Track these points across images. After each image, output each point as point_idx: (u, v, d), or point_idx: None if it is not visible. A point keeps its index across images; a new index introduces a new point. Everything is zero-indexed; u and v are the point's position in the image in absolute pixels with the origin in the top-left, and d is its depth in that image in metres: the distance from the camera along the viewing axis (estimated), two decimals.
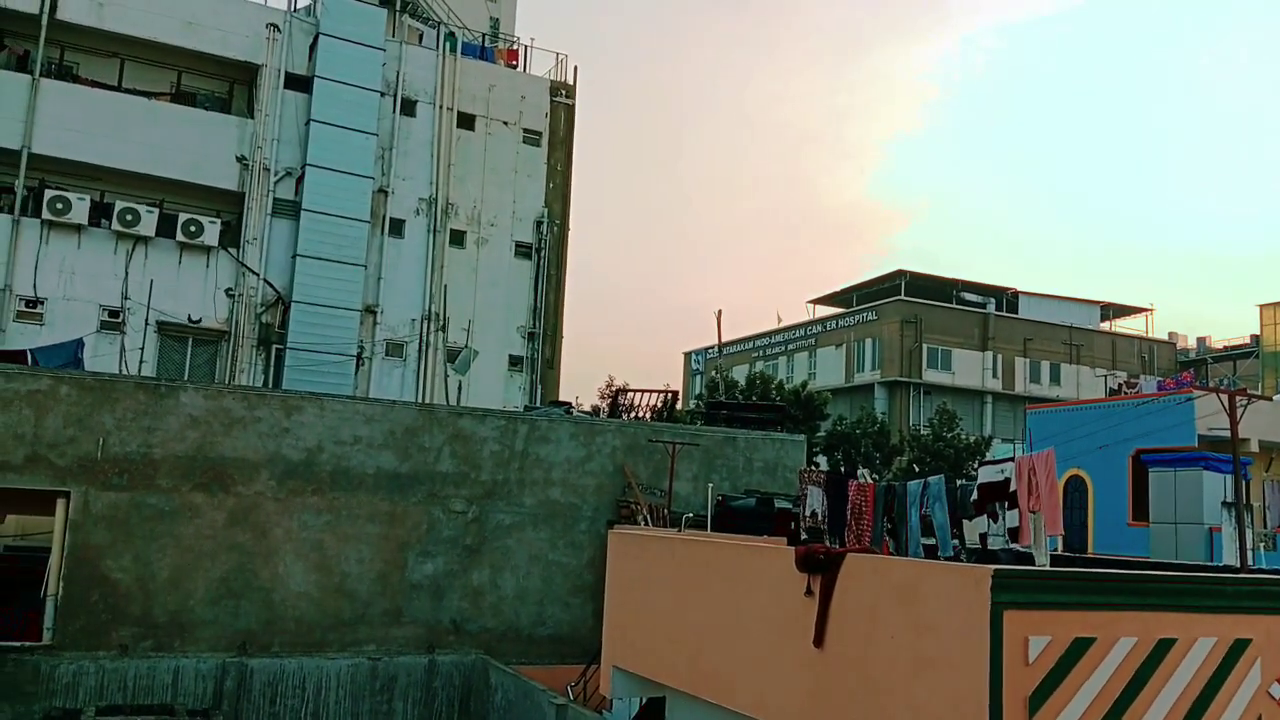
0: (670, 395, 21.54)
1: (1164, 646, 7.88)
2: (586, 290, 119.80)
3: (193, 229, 26.96)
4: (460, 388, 29.37)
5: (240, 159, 28.11)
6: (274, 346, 27.94)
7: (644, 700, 13.79)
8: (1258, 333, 52.04)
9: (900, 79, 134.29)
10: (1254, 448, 25.86)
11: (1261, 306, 46.61)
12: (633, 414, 22.02)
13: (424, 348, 30.44)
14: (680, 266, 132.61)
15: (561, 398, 28.95)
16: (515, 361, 32.05)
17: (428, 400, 27.33)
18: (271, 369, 27.83)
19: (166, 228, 26.85)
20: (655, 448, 18.46)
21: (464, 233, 31.43)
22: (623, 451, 18.50)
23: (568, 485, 18.00)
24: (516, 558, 17.32)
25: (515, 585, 17.23)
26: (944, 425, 41.86)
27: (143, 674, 14.07)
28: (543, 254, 32.52)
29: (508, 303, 31.90)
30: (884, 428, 42.79)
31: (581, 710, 12.75)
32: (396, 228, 30.29)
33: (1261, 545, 22.84)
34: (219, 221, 27.58)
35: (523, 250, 32.36)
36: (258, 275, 27.90)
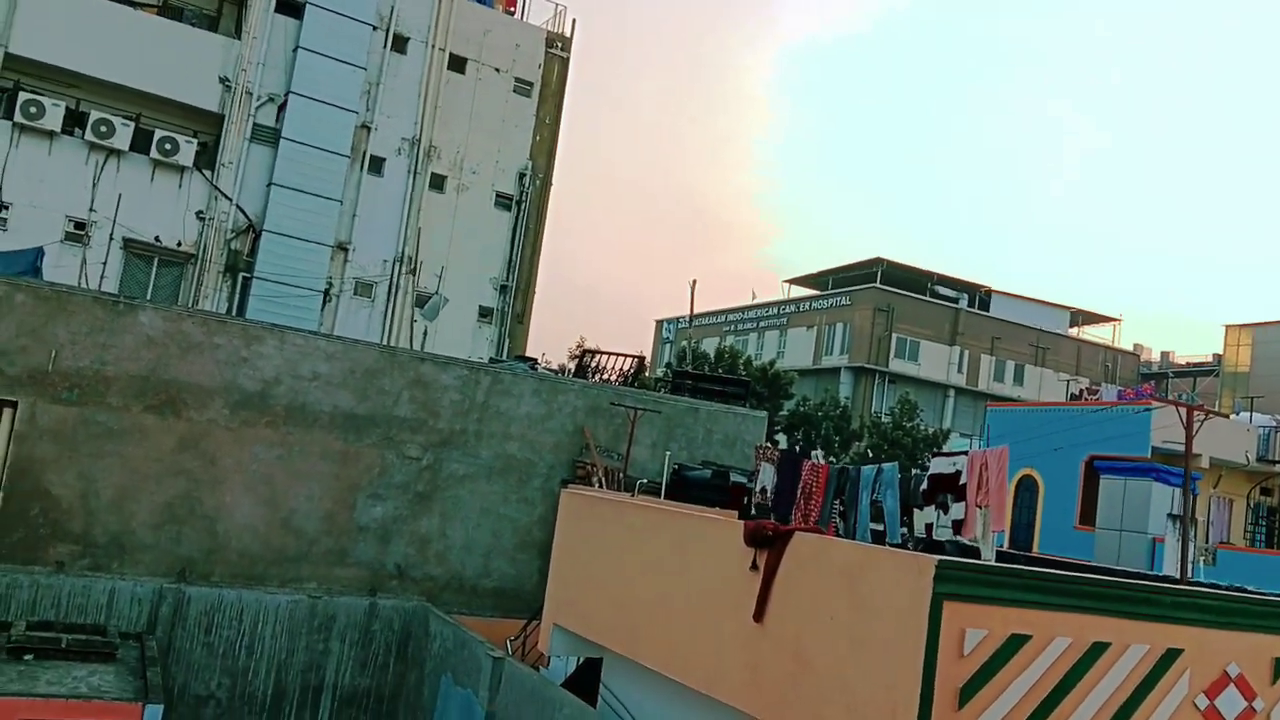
0: (638, 361, 21.44)
1: (1097, 650, 7.95)
2: (563, 248, 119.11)
3: (168, 147, 26.40)
4: (426, 334, 29.13)
5: (223, 80, 27.51)
6: (241, 275, 27.53)
7: (581, 660, 13.82)
8: (1221, 352, 52.74)
9: None
10: (1205, 464, 26.31)
11: (1228, 327, 47.22)
12: (599, 376, 21.92)
13: (394, 290, 30.13)
14: (658, 233, 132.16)
15: (529, 354, 28.80)
16: (485, 313, 31.82)
17: (392, 344, 27.09)
18: (237, 297, 27.44)
19: (141, 143, 26.27)
20: (617, 411, 18.40)
21: (445, 178, 31.00)
22: (584, 412, 18.42)
23: (526, 441, 17.91)
24: (467, 508, 17.24)
25: (463, 536, 17.16)
26: (905, 415, 42.19)
27: (78, 592, 13.87)
28: (523, 207, 32.18)
29: (483, 253, 31.58)
30: (846, 412, 43.06)
31: (518, 664, 12.75)
32: (376, 166, 29.83)
33: (1203, 559, 23.29)
34: (195, 142, 27.02)
35: (503, 201, 32.00)
36: (230, 200, 27.41)
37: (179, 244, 26.92)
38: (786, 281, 63.86)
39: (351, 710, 15.51)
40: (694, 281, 39.49)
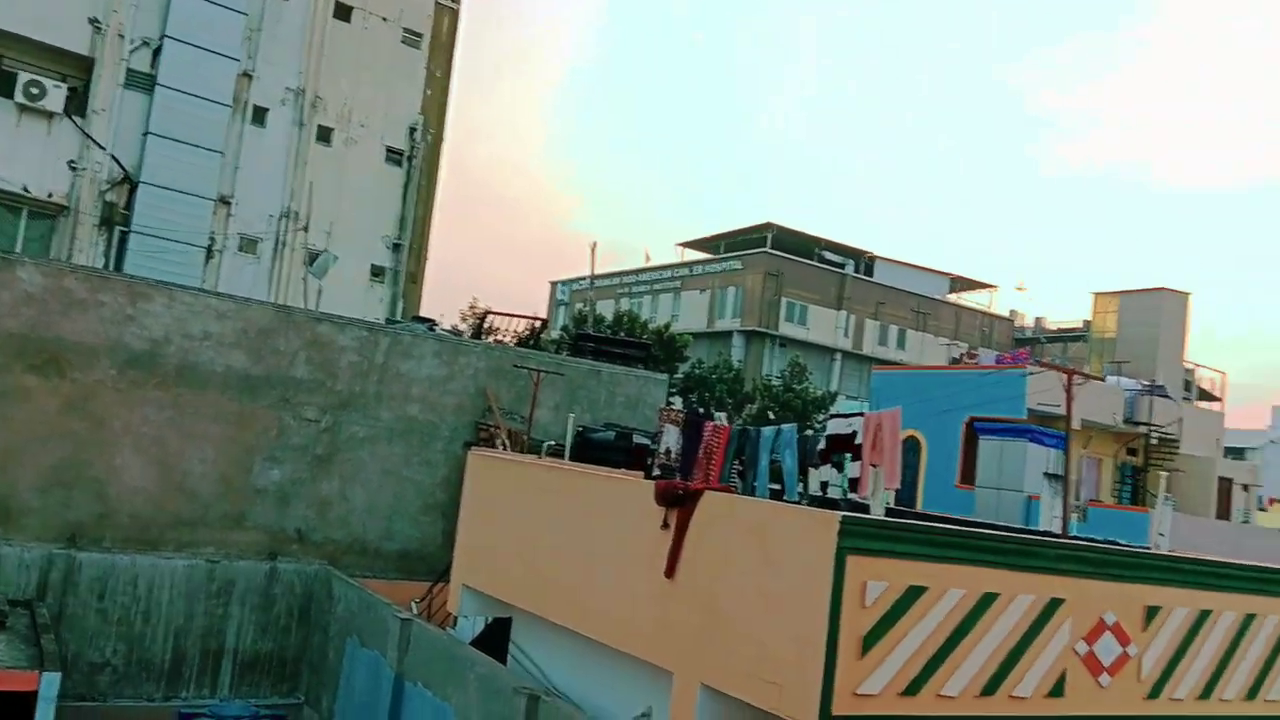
0: (541, 323, 21.41)
1: (988, 600, 8.47)
2: (457, 207, 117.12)
3: (34, 91, 24.86)
4: (319, 293, 28.39)
5: (93, 21, 25.97)
6: (117, 228, 26.23)
7: (489, 620, 13.92)
8: (1089, 318, 55.48)
9: None
10: (1076, 425, 27.84)
11: (1096, 294, 49.67)
12: (495, 338, 21.83)
13: (280, 247, 29.19)
14: (555, 195, 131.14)
15: (423, 314, 28.38)
16: (377, 272, 31.16)
17: (281, 302, 26.32)
18: (113, 252, 26.16)
19: (5, 86, 24.67)
20: (519, 373, 18.39)
21: (332, 130, 30.03)
22: (486, 374, 18.34)
23: (427, 403, 17.75)
24: (368, 471, 17.03)
25: (365, 498, 16.97)
26: (795, 378, 43.28)
27: None
28: (414, 163, 31.49)
29: (374, 210, 30.81)
30: (739, 375, 43.91)
31: (426, 625, 12.77)
32: (259, 116, 28.69)
33: (1075, 516, 24.73)
34: (65, 87, 25.49)
35: (394, 156, 31.25)
36: (104, 149, 26.01)
37: (50, 195, 25.46)
38: (680, 245, 64.43)
39: (254, 675, 15.26)
40: (594, 244, 39.49)
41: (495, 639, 13.10)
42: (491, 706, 10.55)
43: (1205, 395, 43.13)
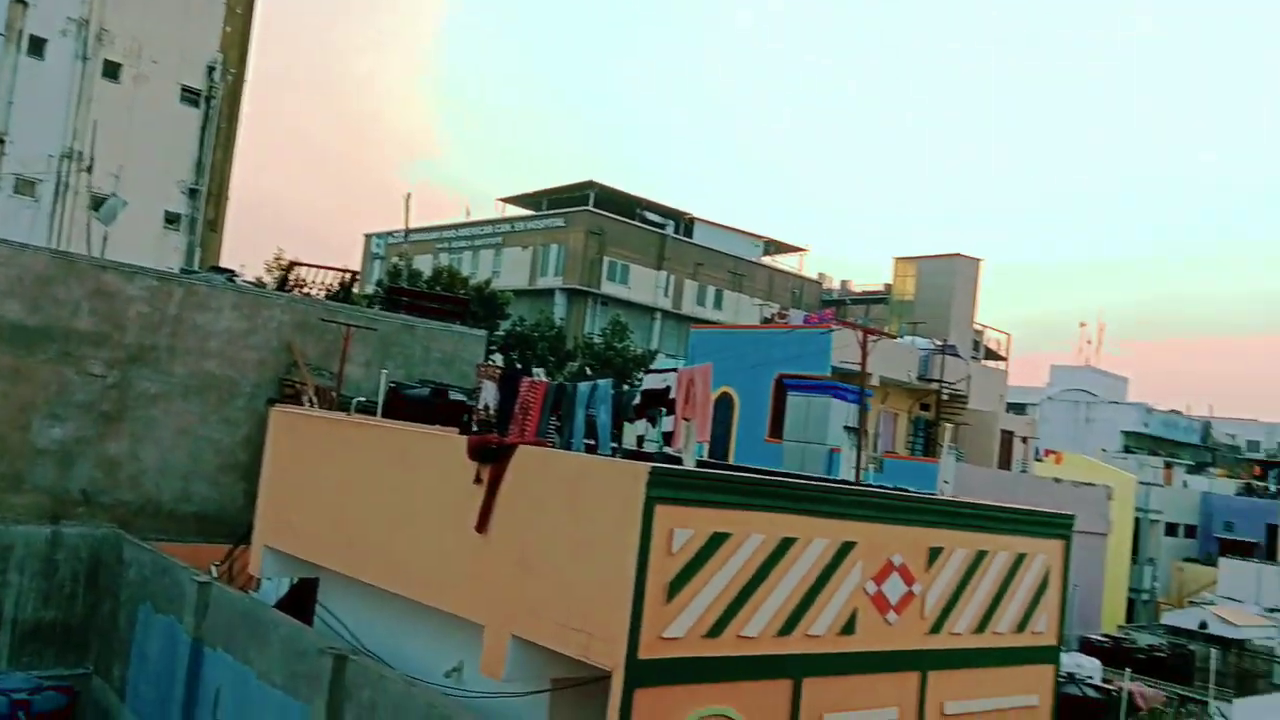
0: (350, 276, 20.62)
1: (786, 544, 8.86)
2: (267, 154, 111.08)
3: None
4: (105, 240, 26.37)
5: None
6: None
7: (294, 581, 13.46)
8: (890, 282, 58.59)
9: None
10: (875, 382, 29.41)
11: (896, 259, 52.49)
12: (304, 291, 20.87)
13: (62, 189, 26.94)
14: (375, 145, 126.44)
15: (224, 264, 26.86)
16: (172, 219, 29.27)
17: (63, 249, 24.29)
18: None
19: None
20: (327, 328, 17.72)
21: (120, 66, 27.83)
22: (291, 328, 17.57)
23: (226, 358, 16.86)
24: (162, 429, 16.05)
25: (158, 458, 16.00)
26: (616, 336, 43.70)
27: None
28: (213, 104, 29.60)
29: (168, 153, 28.83)
30: (561, 333, 43.92)
31: (226, 588, 12.23)
32: (36, 47, 26.27)
33: (871, 467, 26.18)
34: None
35: (190, 97, 29.29)
36: None
37: None
38: (501, 200, 63.52)
39: (36, 644, 14.19)
40: (409, 195, 38.33)
41: (301, 600, 12.71)
42: (296, 668, 10.25)
43: (992, 355, 46.45)
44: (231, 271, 22.98)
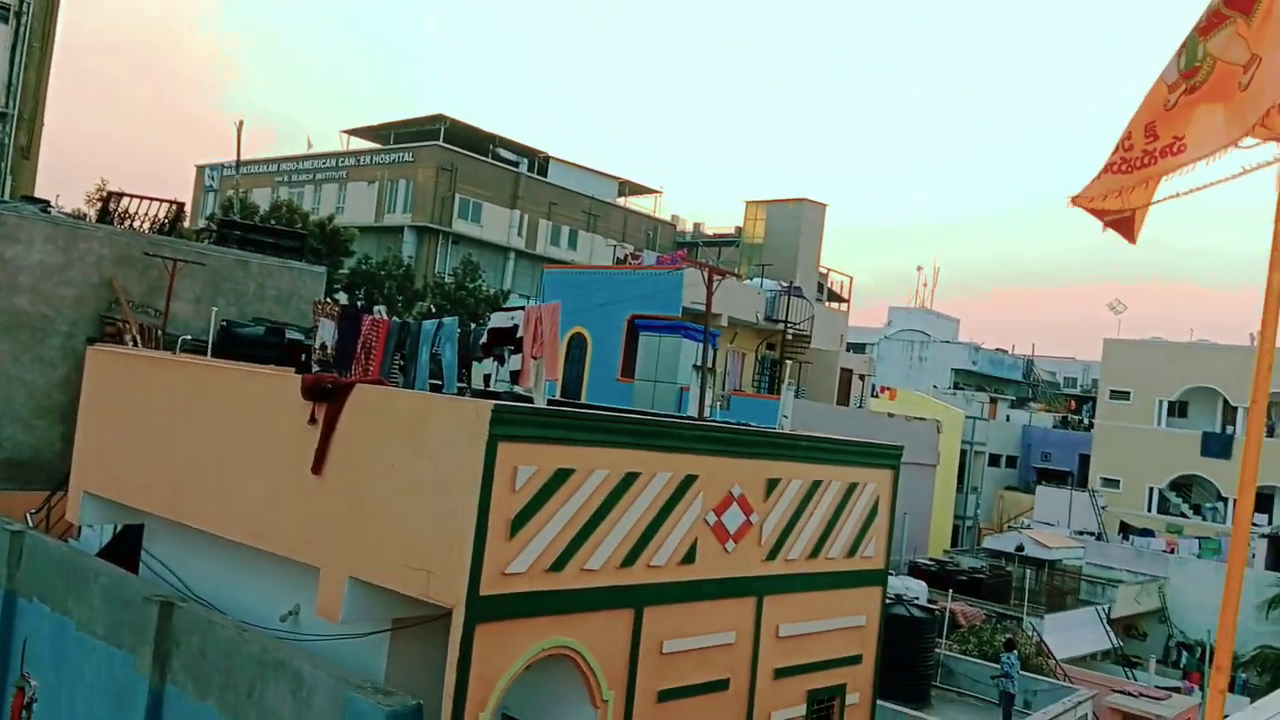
0: (176, 207, 19.36)
1: (630, 478, 8.97)
2: (82, 74, 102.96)
3: None
4: None
5: None
6: None
7: (119, 528, 12.79)
8: (741, 225, 59.50)
9: None
10: (724, 322, 29.99)
11: (747, 203, 53.18)
12: (129, 223, 19.52)
13: None
14: (209, 69, 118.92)
15: (38, 195, 24.83)
16: None
17: None
18: None
19: None
20: (153, 263, 16.68)
21: None
22: (112, 263, 16.46)
23: (39, 294, 15.68)
24: None
25: None
26: (468, 275, 42.93)
27: None
28: (24, 20, 27.09)
29: None
30: (409, 271, 42.82)
31: (42, 537, 11.49)
32: None
33: (719, 404, 26.79)
34: None
35: None
36: None
37: None
38: (344, 132, 60.83)
39: None
40: (240, 122, 36.18)
41: (126, 548, 12.11)
42: (120, 617, 9.78)
43: (835, 297, 47.97)
44: (45, 202, 21.27)
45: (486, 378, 14.79)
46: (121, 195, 19.90)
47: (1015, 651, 17.12)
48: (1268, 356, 3.93)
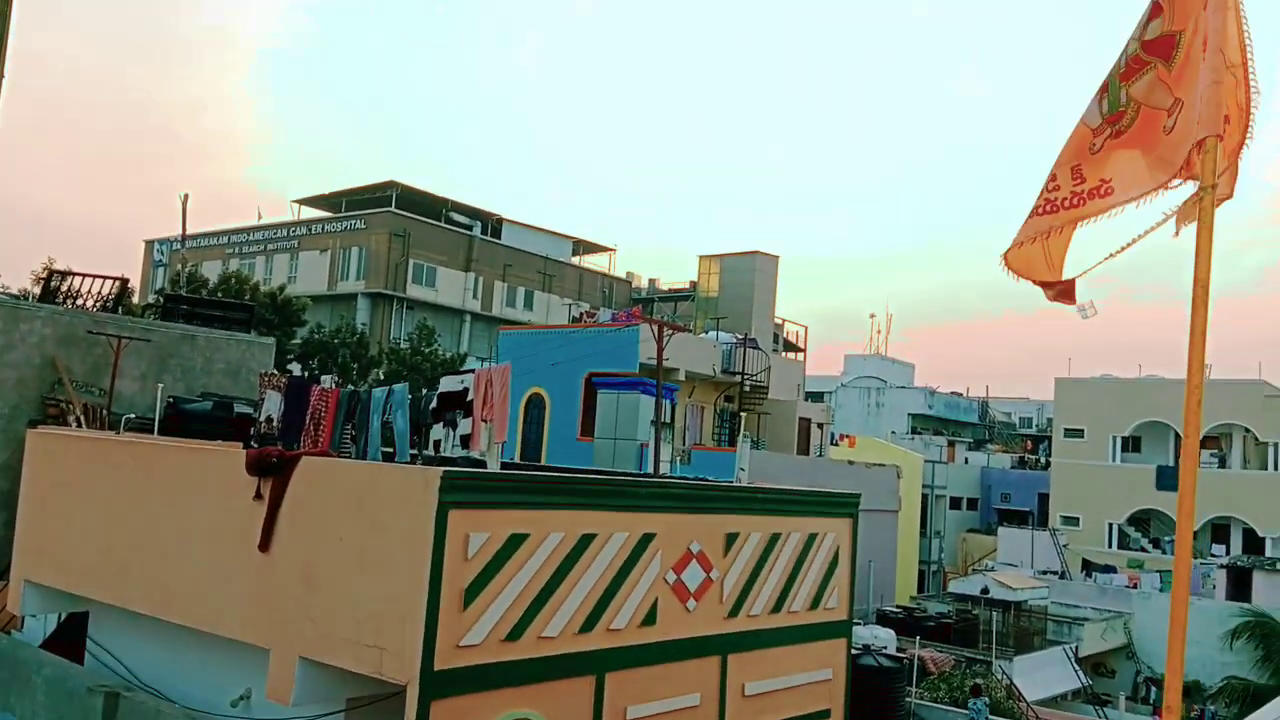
0: (121, 282, 19.12)
1: (586, 540, 8.85)
2: (33, 156, 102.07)
3: None
4: None
5: None
6: None
7: (62, 617, 12.37)
8: (695, 279, 60.06)
9: None
10: (681, 376, 30.09)
11: (701, 257, 53.80)
12: (73, 302, 19.23)
13: None
14: (154, 139, 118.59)
15: None
16: None
17: None
18: None
19: None
20: (96, 341, 16.40)
21: None
22: (54, 342, 16.16)
23: None
24: None
25: None
26: (423, 340, 42.73)
27: None
28: None
29: None
30: (363, 338, 42.53)
31: None
32: None
33: (679, 459, 26.71)
34: None
35: None
36: None
37: None
38: (295, 201, 60.75)
39: None
40: (185, 195, 35.74)
41: (70, 636, 11.69)
42: (64, 710, 9.41)
43: (791, 346, 48.43)
44: None
45: (437, 444, 14.61)
46: (66, 274, 19.63)
47: (983, 697, 17.05)
48: (1196, 392, 3.98)
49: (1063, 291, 4.93)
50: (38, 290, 27.46)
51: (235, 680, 9.53)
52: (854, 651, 12.88)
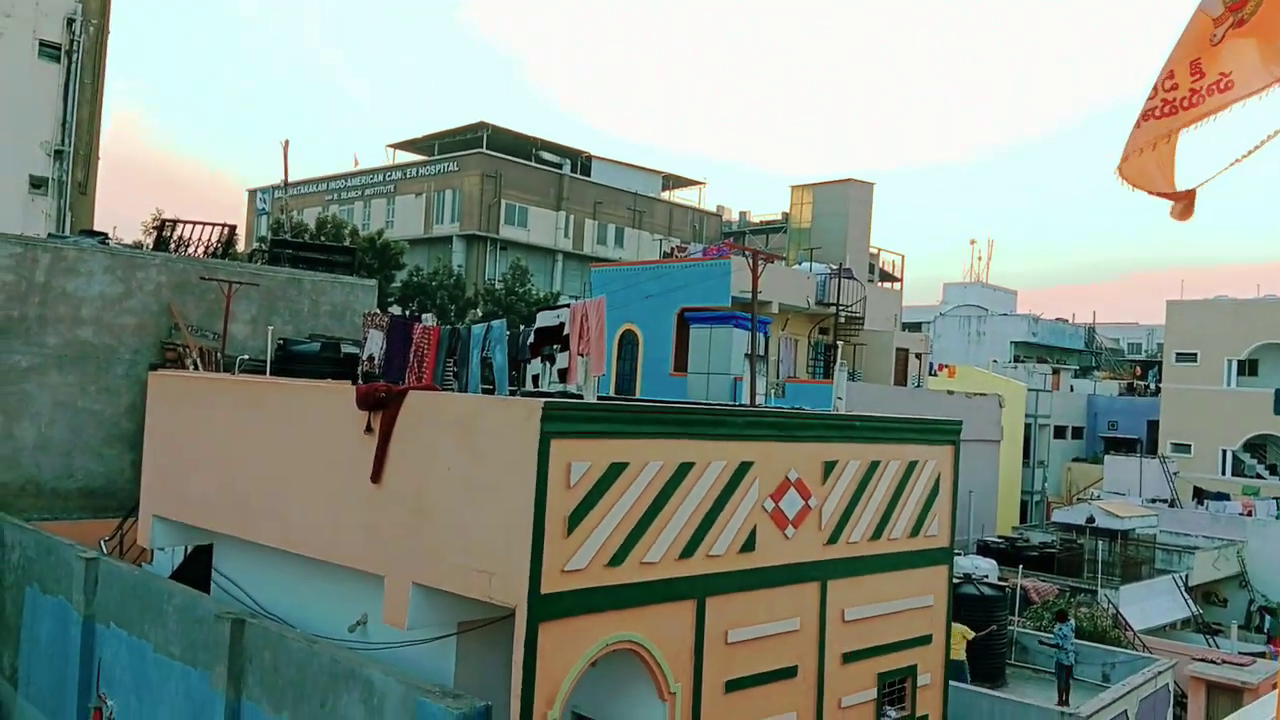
0: (228, 230, 19.77)
1: (684, 469, 8.94)
2: (137, 109, 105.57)
3: None
4: None
5: None
6: None
7: (189, 549, 13.09)
8: (788, 210, 59.04)
9: None
10: (774, 309, 29.77)
11: (793, 187, 52.80)
12: (183, 250, 19.97)
13: None
14: (255, 92, 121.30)
15: (98, 228, 25.53)
16: (38, 183, 27.64)
17: None
18: None
19: None
20: (209, 287, 17.05)
21: None
22: (170, 289, 16.86)
23: (102, 324, 16.11)
24: (38, 404, 15.31)
25: (36, 434, 15.28)
26: (517, 280, 43.18)
27: None
28: (75, 58, 27.87)
29: (28, 112, 27.11)
30: (460, 280, 43.20)
31: (116, 563, 11.81)
32: None
33: (774, 392, 26.59)
34: None
35: (49, 51, 27.51)
36: None
37: None
38: (390, 146, 61.59)
39: None
40: (286, 141, 36.65)
41: (197, 568, 12.38)
42: (194, 636, 10.01)
43: (887, 276, 47.38)
44: (103, 234, 21.87)
45: (535, 378, 14.83)
46: (175, 222, 20.38)
47: (1069, 623, 16.80)
48: None
49: (1187, 205, 4.66)
50: (149, 240, 28.65)
51: (352, 607, 9.98)
52: (954, 580, 12.77)
